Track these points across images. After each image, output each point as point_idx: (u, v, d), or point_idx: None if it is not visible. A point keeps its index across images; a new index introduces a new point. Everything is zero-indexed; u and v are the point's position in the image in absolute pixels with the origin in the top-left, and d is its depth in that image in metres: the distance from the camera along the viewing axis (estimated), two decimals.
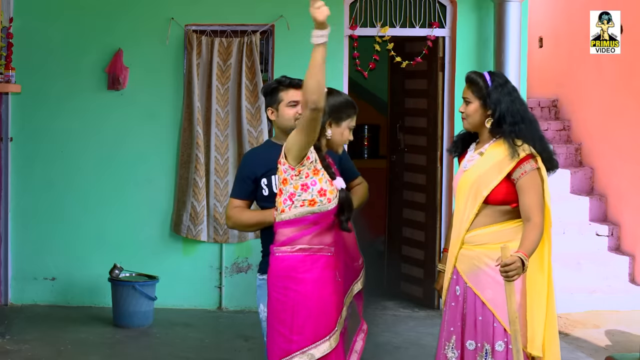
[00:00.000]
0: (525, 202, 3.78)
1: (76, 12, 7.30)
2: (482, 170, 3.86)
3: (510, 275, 3.60)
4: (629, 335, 6.67)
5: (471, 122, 3.92)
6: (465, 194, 3.91)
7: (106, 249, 7.20)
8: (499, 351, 3.81)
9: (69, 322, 6.79)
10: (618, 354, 5.73)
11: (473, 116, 3.90)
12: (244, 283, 7.21)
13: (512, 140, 3.81)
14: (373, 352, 6.08)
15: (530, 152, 3.82)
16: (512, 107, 3.85)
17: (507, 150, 3.82)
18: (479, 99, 3.88)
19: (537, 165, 3.81)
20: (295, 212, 3.69)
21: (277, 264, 3.73)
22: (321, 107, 3.54)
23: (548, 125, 9.20)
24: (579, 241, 8.12)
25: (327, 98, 3.71)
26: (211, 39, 7.13)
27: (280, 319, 3.71)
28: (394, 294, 7.85)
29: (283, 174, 3.71)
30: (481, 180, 3.85)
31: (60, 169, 7.31)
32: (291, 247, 3.70)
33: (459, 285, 3.94)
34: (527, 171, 3.79)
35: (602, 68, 8.52)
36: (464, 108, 3.93)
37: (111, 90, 7.25)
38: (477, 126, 3.93)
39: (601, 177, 8.60)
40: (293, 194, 3.69)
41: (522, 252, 3.65)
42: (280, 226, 3.73)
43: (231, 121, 7.17)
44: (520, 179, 3.79)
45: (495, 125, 3.86)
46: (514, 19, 6.95)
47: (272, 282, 3.75)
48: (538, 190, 3.80)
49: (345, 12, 7.29)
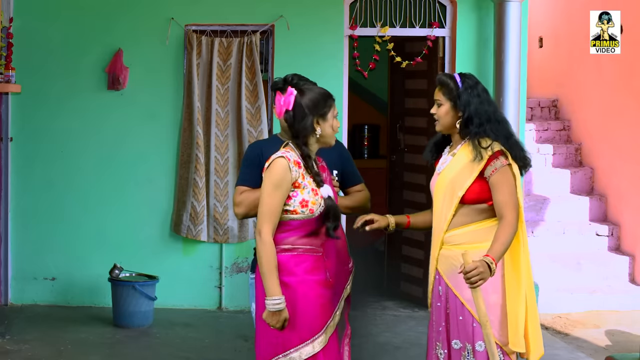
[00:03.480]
0: (498, 200, 3.81)
1: (76, 12, 7.30)
2: (455, 171, 3.89)
3: (472, 281, 3.61)
4: (629, 335, 6.67)
5: (443, 123, 3.94)
6: (441, 196, 3.94)
7: (106, 249, 7.20)
8: (479, 351, 3.83)
9: (69, 322, 6.79)
10: (618, 354, 5.73)
11: (444, 118, 3.93)
12: (244, 283, 7.20)
13: (477, 141, 3.84)
14: (373, 352, 6.09)
15: (499, 149, 3.84)
16: (480, 108, 3.87)
17: (471, 151, 3.85)
18: (449, 100, 3.90)
19: (508, 161, 3.84)
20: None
21: None
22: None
23: (548, 125, 9.21)
24: (579, 241, 8.12)
25: (302, 97, 3.72)
26: (211, 39, 7.13)
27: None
28: (394, 294, 7.85)
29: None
30: (455, 181, 3.87)
31: (60, 169, 7.31)
32: (275, 247, 3.66)
33: (441, 285, 3.97)
34: (498, 168, 3.82)
35: (602, 68, 8.52)
36: (436, 110, 3.95)
37: (111, 90, 7.25)
38: (448, 128, 3.95)
39: (601, 177, 8.60)
40: None
41: (489, 256, 3.66)
42: None
43: (231, 121, 7.17)
44: (492, 176, 3.82)
45: (464, 127, 3.88)
46: (514, 19, 6.94)
47: (258, 282, 3.75)
48: (510, 187, 3.82)
49: (345, 12, 7.29)
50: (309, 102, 3.75)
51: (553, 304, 7.26)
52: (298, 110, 3.74)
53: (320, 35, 7.24)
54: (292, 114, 3.74)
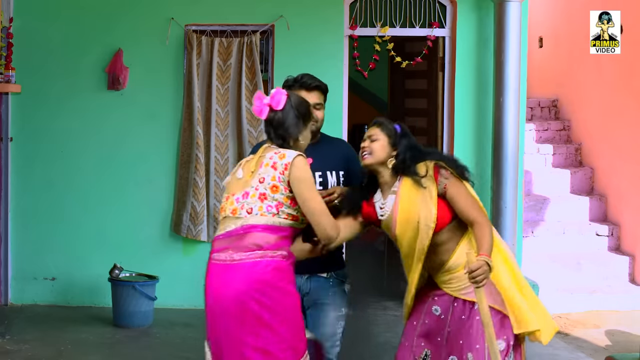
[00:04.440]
0: (461, 208, 3.81)
1: (76, 12, 7.30)
2: (413, 207, 3.84)
3: (479, 280, 3.62)
4: (629, 335, 6.67)
5: (377, 157, 3.90)
6: (410, 235, 3.86)
7: (106, 249, 7.20)
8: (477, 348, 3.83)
9: (69, 322, 6.79)
10: (618, 354, 5.73)
11: (379, 152, 3.90)
12: None
13: (412, 172, 3.84)
14: (373, 352, 6.09)
15: (435, 164, 3.85)
16: (411, 142, 3.91)
17: (415, 182, 3.84)
18: (387, 137, 3.91)
19: (448, 170, 3.84)
20: (278, 220, 3.56)
21: (261, 269, 3.53)
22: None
23: (548, 125, 9.21)
24: (579, 241, 8.12)
25: (293, 100, 3.67)
26: (211, 39, 7.13)
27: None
28: (394, 294, 7.83)
29: (275, 181, 3.55)
30: (420, 216, 3.82)
31: (60, 169, 7.31)
32: (274, 252, 3.54)
33: (438, 305, 3.95)
34: (445, 181, 3.82)
35: (602, 68, 8.52)
36: (369, 144, 3.93)
37: (111, 90, 7.25)
38: (380, 162, 3.91)
39: (601, 177, 8.60)
40: (281, 204, 3.55)
41: (484, 255, 3.67)
42: (261, 229, 3.55)
43: (231, 121, 7.17)
44: (447, 191, 3.82)
45: (397, 164, 3.88)
46: (514, 19, 6.94)
47: (255, 287, 3.53)
48: (465, 191, 3.83)
49: (345, 12, 7.29)
50: (299, 106, 3.69)
51: (553, 304, 7.24)
52: (289, 112, 3.65)
53: (320, 35, 7.24)
54: (282, 115, 3.65)
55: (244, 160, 3.76)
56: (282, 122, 3.65)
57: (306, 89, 4.10)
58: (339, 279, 4.21)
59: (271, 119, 3.66)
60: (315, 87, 4.13)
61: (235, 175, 3.71)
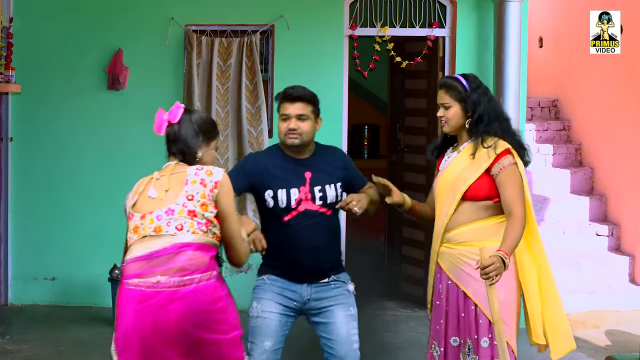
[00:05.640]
0: (506, 197, 3.85)
1: (76, 12, 7.29)
2: (460, 168, 3.95)
3: (490, 277, 3.63)
4: (629, 335, 6.67)
5: (452, 125, 4.00)
6: (444, 193, 3.99)
7: (106, 249, 7.19)
8: (484, 347, 3.83)
9: (69, 322, 6.79)
10: (618, 354, 5.74)
11: (454, 119, 3.99)
12: (244, 283, 7.17)
13: (481, 140, 3.91)
14: (373, 352, 6.09)
15: (507, 148, 3.89)
16: (488, 107, 3.95)
17: (472, 148, 3.91)
18: (458, 102, 3.96)
19: (515, 160, 3.89)
20: (208, 240, 3.44)
21: (199, 298, 3.40)
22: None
23: (548, 125, 9.21)
24: (579, 241, 8.12)
25: (191, 115, 3.63)
26: (211, 39, 7.13)
27: None
28: (394, 294, 7.85)
29: (205, 199, 3.42)
30: (459, 177, 3.92)
31: (60, 169, 7.31)
32: (209, 274, 3.45)
33: (441, 283, 4.00)
34: (506, 166, 3.88)
35: (602, 68, 8.52)
36: (444, 112, 4.00)
37: (111, 90, 7.25)
38: (457, 129, 4.01)
39: (601, 177, 8.60)
40: (209, 222, 3.43)
41: (502, 251, 3.69)
42: (194, 248, 3.40)
43: (231, 121, 7.17)
44: (499, 174, 3.87)
45: (474, 126, 3.94)
46: (514, 19, 6.94)
47: (196, 319, 3.40)
48: (518, 184, 3.88)
49: (345, 12, 7.29)
50: (201, 123, 3.60)
51: None
52: (187, 126, 3.56)
53: (320, 35, 7.24)
54: (178, 129, 3.56)
55: (145, 179, 3.60)
56: (178, 136, 3.57)
57: (289, 101, 4.07)
58: (340, 280, 4.20)
59: (168, 133, 3.62)
60: (297, 98, 4.06)
61: (145, 195, 3.51)
